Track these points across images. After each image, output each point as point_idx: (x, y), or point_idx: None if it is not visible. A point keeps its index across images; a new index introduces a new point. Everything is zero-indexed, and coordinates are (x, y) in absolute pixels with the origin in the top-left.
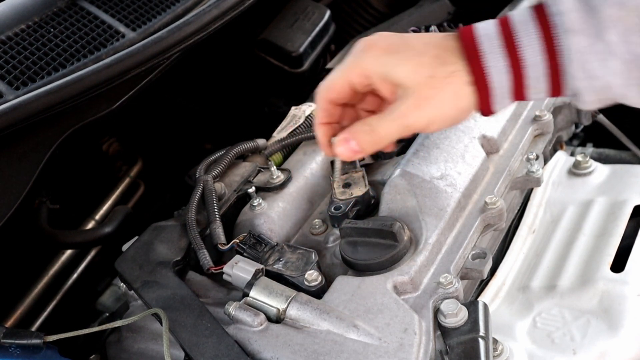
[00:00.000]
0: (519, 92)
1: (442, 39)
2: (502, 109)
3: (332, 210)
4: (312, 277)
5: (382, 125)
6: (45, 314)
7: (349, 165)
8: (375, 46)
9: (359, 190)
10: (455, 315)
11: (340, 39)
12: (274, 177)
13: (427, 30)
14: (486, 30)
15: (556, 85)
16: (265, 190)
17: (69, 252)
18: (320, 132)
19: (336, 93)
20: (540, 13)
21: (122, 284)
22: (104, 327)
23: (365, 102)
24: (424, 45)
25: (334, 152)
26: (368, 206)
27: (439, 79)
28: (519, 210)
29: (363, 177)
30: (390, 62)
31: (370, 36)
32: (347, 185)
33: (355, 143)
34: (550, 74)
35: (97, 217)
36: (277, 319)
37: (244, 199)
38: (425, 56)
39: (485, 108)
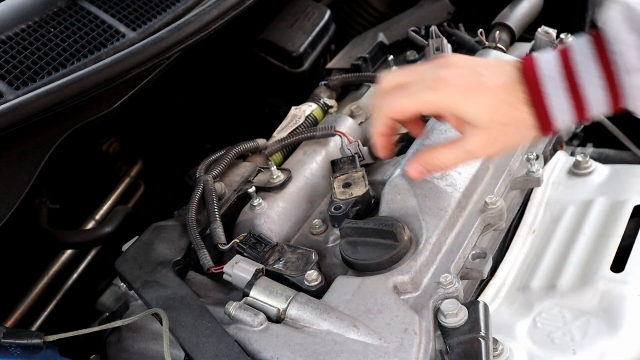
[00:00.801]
0: (580, 123)
1: (510, 80)
2: None
3: (332, 210)
4: (312, 277)
5: (450, 157)
6: (45, 314)
7: (349, 166)
8: (450, 83)
9: (359, 190)
10: (455, 315)
11: (340, 39)
12: (274, 177)
13: (427, 30)
14: (549, 70)
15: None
16: (266, 190)
17: (69, 252)
18: (379, 141)
19: (402, 116)
20: (601, 51)
21: (122, 283)
22: (104, 327)
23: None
24: (496, 88)
25: (408, 171)
26: (368, 206)
27: (511, 125)
28: (519, 210)
29: (363, 177)
30: (466, 106)
31: (443, 65)
32: (347, 185)
33: (424, 168)
34: (613, 109)
35: (97, 217)
36: (277, 319)
37: (244, 199)
38: (498, 101)
39: (546, 135)
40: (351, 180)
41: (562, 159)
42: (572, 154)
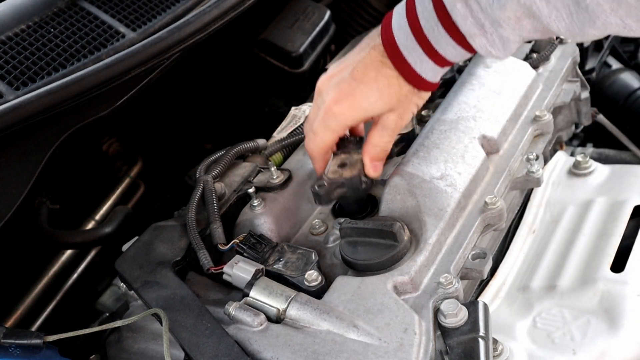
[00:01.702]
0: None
1: (375, 46)
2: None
3: (315, 187)
4: (312, 277)
5: (382, 139)
6: (45, 314)
7: (353, 146)
8: (334, 110)
9: (349, 173)
10: (455, 315)
11: (340, 39)
12: (274, 177)
13: None
14: (403, 39)
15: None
16: (265, 190)
17: (69, 252)
18: (321, 167)
19: (330, 147)
20: (446, 21)
21: (122, 284)
22: (104, 327)
23: None
24: (365, 69)
25: (371, 174)
26: (356, 190)
27: (402, 94)
28: (519, 210)
29: (362, 161)
30: (360, 112)
31: (322, 92)
32: (342, 165)
33: (376, 161)
34: (470, 53)
35: (97, 217)
36: (277, 319)
37: (244, 199)
38: (374, 83)
39: (425, 87)
40: (349, 160)
41: (562, 159)
42: (572, 154)
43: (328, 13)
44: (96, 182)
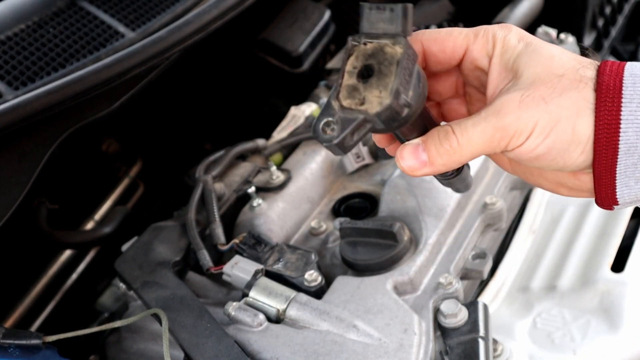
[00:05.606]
0: None
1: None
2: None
3: (321, 132)
4: (312, 277)
5: (467, 129)
6: (45, 314)
7: (386, 24)
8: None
9: (374, 107)
10: (455, 315)
11: (340, 39)
12: (274, 177)
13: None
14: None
15: None
16: (265, 190)
17: (68, 252)
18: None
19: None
20: None
21: (121, 284)
22: (103, 327)
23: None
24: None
25: (399, 165)
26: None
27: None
28: (519, 210)
29: (402, 60)
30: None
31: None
32: (367, 71)
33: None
34: None
35: (97, 217)
36: (276, 319)
37: (243, 199)
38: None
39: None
40: (378, 61)
41: None
42: None
43: (328, 13)
44: (95, 182)
